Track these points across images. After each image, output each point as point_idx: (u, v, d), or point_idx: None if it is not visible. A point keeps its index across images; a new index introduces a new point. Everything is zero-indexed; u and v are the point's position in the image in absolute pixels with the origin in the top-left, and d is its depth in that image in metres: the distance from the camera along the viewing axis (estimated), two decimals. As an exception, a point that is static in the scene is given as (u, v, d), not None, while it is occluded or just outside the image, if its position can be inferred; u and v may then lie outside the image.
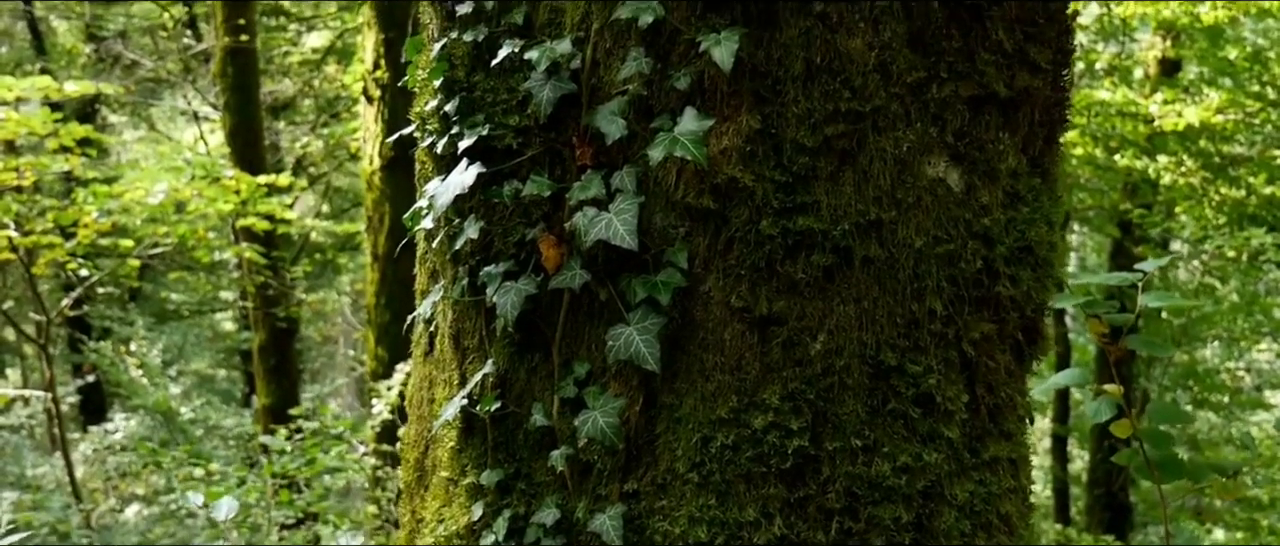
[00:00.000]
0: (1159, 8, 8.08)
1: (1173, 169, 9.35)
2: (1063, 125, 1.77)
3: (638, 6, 1.52)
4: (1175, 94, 9.09)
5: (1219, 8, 7.87)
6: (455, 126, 1.66)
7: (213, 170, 8.35)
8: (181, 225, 8.35)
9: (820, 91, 1.54)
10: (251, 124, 9.61)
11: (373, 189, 7.77)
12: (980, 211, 1.63)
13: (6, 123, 7.60)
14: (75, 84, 7.95)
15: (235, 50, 9.31)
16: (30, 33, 11.76)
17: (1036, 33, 1.65)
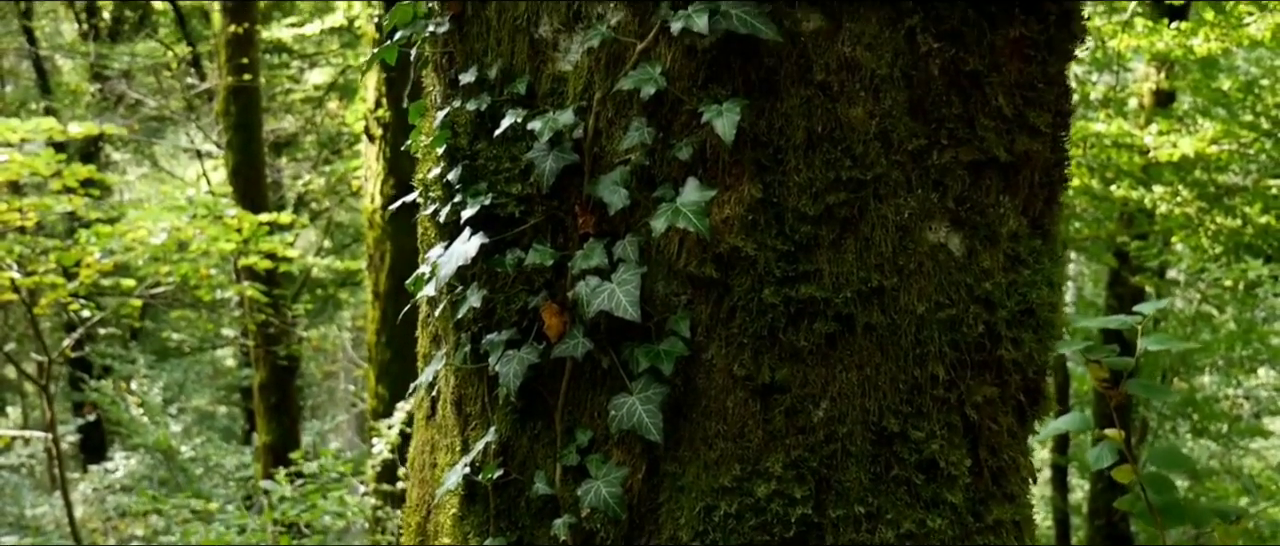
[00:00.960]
0: (1152, 40, 8.12)
1: (1169, 199, 9.38)
2: (1063, 185, 1.79)
3: (640, 77, 1.53)
4: (1170, 125, 9.12)
5: (1212, 39, 7.91)
6: (458, 195, 1.67)
7: (215, 209, 8.37)
8: (183, 264, 8.36)
9: (821, 160, 1.55)
10: (254, 162, 9.65)
11: (374, 227, 7.79)
12: (982, 275, 1.64)
13: (10, 164, 7.63)
14: (79, 125, 7.98)
15: (238, 89, 9.36)
16: (35, 72, 11.82)
17: (1036, 97, 1.66)
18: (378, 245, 7.77)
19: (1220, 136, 8.53)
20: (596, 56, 1.59)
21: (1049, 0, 1.62)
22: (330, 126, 12.14)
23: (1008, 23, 1.60)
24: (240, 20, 9.12)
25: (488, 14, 1.68)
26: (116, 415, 9.75)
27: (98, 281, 8.15)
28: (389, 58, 1.83)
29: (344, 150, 11.88)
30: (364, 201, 8.02)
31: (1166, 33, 7.99)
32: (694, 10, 1.48)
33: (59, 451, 7.88)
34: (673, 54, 1.55)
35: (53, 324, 10.66)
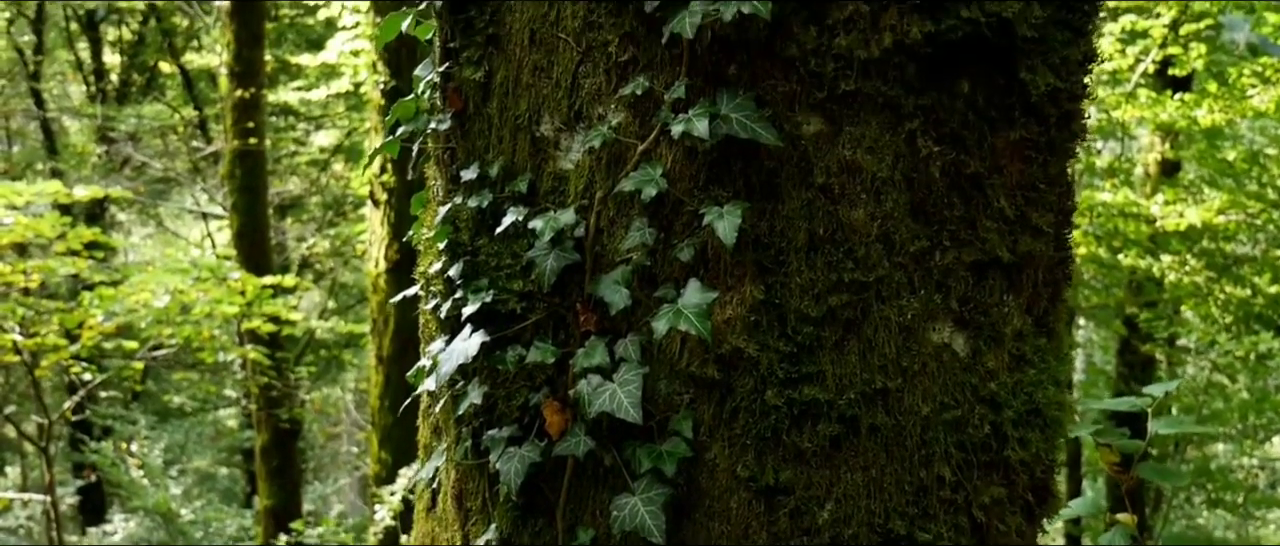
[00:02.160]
0: (1156, 111, 8.16)
1: (1177, 268, 9.36)
2: (1067, 283, 1.78)
3: (641, 179, 1.53)
4: (1176, 194, 9.14)
5: (1216, 111, 7.96)
6: (459, 290, 1.67)
7: (219, 271, 8.38)
8: (186, 326, 8.36)
9: (823, 262, 1.55)
10: (258, 224, 9.69)
11: (378, 291, 7.79)
12: (987, 376, 1.62)
13: (16, 226, 7.66)
14: (84, 188, 8.03)
15: (244, 152, 9.43)
16: (42, 133, 11.93)
17: (1038, 198, 1.66)
18: (381, 309, 7.76)
19: (1227, 206, 8.54)
20: (597, 156, 1.59)
21: (1049, 103, 1.62)
22: (335, 188, 12.21)
23: (1008, 125, 1.60)
24: (247, 85, 9.21)
25: (489, 111, 1.68)
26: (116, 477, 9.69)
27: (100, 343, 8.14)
28: (391, 151, 1.84)
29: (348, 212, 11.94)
30: (368, 265, 8.04)
31: (1170, 104, 8.04)
32: (694, 114, 1.49)
33: (57, 514, 7.82)
34: (674, 155, 1.55)
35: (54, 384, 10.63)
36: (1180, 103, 8.06)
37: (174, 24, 11.90)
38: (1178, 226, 8.63)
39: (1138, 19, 7.89)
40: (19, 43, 12.03)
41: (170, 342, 8.64)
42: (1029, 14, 1.56)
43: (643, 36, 1.55)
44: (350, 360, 12.88)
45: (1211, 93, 8.02)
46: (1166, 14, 7.64)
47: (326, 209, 12.25)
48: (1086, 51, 1.69)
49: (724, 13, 1.45)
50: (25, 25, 12.23)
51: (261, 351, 8.61)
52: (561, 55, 1.61)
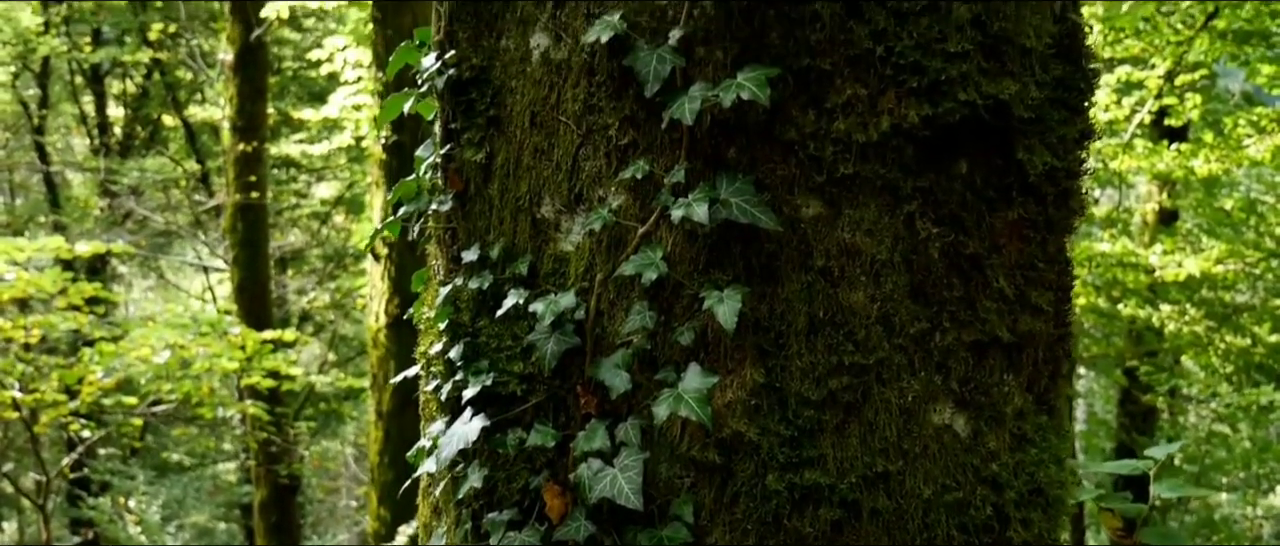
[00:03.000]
0: (1153, 161, 8.20)
1: (1176, 318, 9.36)
2: (1067, 359, 1.77)
3: (641, 262, 1.54)
4: (1174, 243, 9.16)
5: (1212, 161, 8.00)
6: (459, 372, 1.66)
7: (219, 326, 8.38)
8: (186, 382, 8.34)
9: (823, 345, 1.55)
10: (259, 278, 9.71)
11: (378, 346, 7.78)
12: (988, 457, 1.62)
13: (17, 282, 7.68)
14: (86, 244, 8.06)
15: (245, 206, 9.47)
16: (46, 186, 11.99)
17: (1037, 276, 1.66)
18: (381, 364, 7.75)
19: (1225, 256, 8.56)
20: (598, 238, 1.59)
21: (1047, 182, 1.63)
22: (336, 240, 12.23)
23: (1006, 205, 1.61)
24: (249, 139, 9.27)
25: (490, 193, 1.69)
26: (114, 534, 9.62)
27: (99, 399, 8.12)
28: (392, 232, 1.84)
29: (349, 264, 11.95)
30: (368, 320, 8.03)
31: (1167, 154, 8.08)
32: (694, 198, 1.49)
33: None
34: (674, 238, 1.56)
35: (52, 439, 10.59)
36: (1177, 153, 8.10)
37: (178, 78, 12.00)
38: (1177, 276, 8.64)
39: (1133, 70, 7.95)
40: (24, 96, 12.13)
41: (170, 398, 8.62)
42: (1026, 95, 1.58)
43: (643, 120, 1.56)
44: (350, 413, 12.83)
45: (1208, 143, 8.06)
46: (1162, 65, 7.70)
47: (327, 261, 12.27)
48: (1083, 129, 1.70)
49: (723, 99, 1.47)
50: (30, 79, 12.33)
51: (261, 407, 8.58)
52: (562, 138, 1.62)
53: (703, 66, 1.53)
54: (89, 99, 12.41)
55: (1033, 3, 1.59)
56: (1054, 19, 1.64)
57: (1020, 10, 1.57)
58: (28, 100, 12.18)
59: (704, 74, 1.52)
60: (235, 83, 9.31)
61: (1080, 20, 1.68)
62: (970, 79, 1.53)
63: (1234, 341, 9.40)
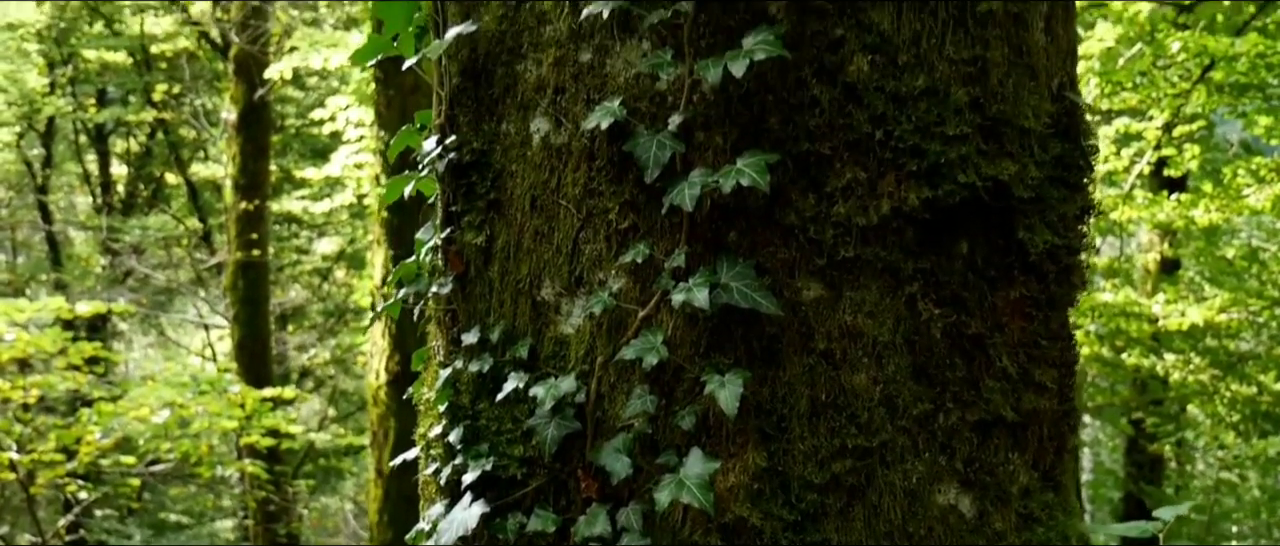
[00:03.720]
0: (1153, 211, 8.22)
1: (1181, 367, 9.33)
2: (1072, 434, 1.76)
3: (642, 347, 1.53)
4: (1176, 292, 9.16)
5: (1212, 210, 8.01)
6: (459, 456, 1.65)
7: (219, 384, 8.35)
8: (185, 441, 8.30)
9: (826, 428, 1.53)
10: (260, 335, 9.70)
11: (378, 404, 7.74)
12: (995, 537, 1.60)
13: (17, 343, 7.67)
14: (86, 304, 8.06)
15: (247, 263, 9.48)
16: (48, 245, 12.02)
17: (1040, 354, 1.65)
18: (381, 422, 7.71)
19: (1228, 305, 8.54)
20: (598, 322, 1.59)
21: (1048, 260, 1.62)
22: (338, 295, 12.24)
23: (1008, 284, 1.60)
24: (251, 197, 9.31)
25: (491, 275, 1.69)
26: (111, 594, 9.51)
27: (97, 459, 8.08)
28: (393, 313, 1.84)
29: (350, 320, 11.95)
30: (368, 378, 8.00)
31: (1167, 204, 8.10)
32: (695, 283, 1.49)
33: (48, 638, 7.65)
34: (674, 322, 1.55)
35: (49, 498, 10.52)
36: (1177, 202, 8.12)
37: (181, 136, 12.08)
38: (1180, 325, 8.62)
39: (1131, 122, 8.00)
40: (28, 156, 12.20)
41: (168, 457, 8.57)
42: (1025, 175, 1.58)
43: (643, 204, 1.56)
44: (350, 469, 12.75)
45: (1207, 192, 8.08)
46: (1160, 116, 7.74)
47: (328, 316, 12.27)
48: (1083, 205, 1.70)
49: (723, 185, 1.47)
50: (35, 139, 12.41)
51: (259, 465, 8.53)
52: (562, 221, 1.62)
53: (702, 151, 1.53)
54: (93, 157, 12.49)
55: (1030, 84, 1.60)
56: (1051, 98, 1.65)
57: (1018, 92, 1.58)
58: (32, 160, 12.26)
59: (704, 159, 1.52)
60: (238, 141, 9.37)
61: (1078, 99, 1.69)
62: (970, 161, 1.53)
63: (1240, 390, 9.36)
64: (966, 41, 1.55)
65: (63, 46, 11.46)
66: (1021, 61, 1.60)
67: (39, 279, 12.28)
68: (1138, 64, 6.78)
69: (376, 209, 6.86)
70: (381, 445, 7.70)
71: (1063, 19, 1.72)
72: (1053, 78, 1.67)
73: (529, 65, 1.64)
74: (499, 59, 1.67)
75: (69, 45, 11.50)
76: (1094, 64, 6.96)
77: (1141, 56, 6.82)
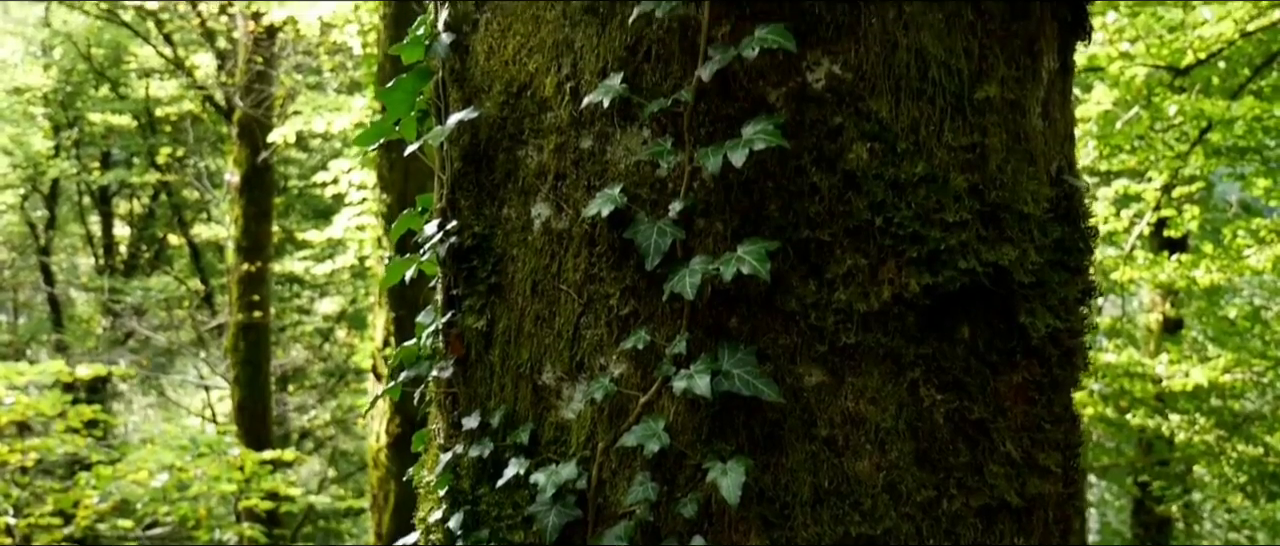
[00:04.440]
0: (1155, 271, 8.23)
1: (1186, 427, 9.28)
2: (1077, 516, 1.75)
3: (643, 433, 1.52)
4: (1180, 352, 9.14)
5: (1213, 271, 8.01)
6: (460, 543, 1.64)
7: (218, 446, 8.31)
8: (183, 505, 8.24)
9: (829, 515, 1.52)
10: (260, 397, 9.66)
11: (379, 467, 7.70)
12: (1001, 626, 1.57)
13: (16, 406, 7.64)
14: (87, 367, 8.05)
15: (248, 325, 9.48)
16: (49, 306, 12.03)
17: (1043, 437, 1.64)
18: (382, 485, 7.66)
19: (1232, 366, 8.52)
20: (599, 408, 1.58)
21: (1050, 343, 1.62)
22: (339, 355, 12.21)
23: (1011, 368, 1.60)
24: (253, 259, 9.33)
25: (491, 359, 1.69)
26: (105, 661, 9.37)
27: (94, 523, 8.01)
28: (394, 395, 1.83)
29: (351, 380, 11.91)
30: (369, 440, 7.96)
31: (1168, 265, 8.11)
32: (696, 370, 1.48)
33: None
34: (676, 408, 1.55)
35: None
36: (1178, 263, 8.13)
37: (184, 198, 12.14)
38: (1184, 386, 8.60)
39: (1130, 183, 8.03)
40: (32, 218, 12.25)
41: (166, 520, 8.50)
42: (1026, 260, 1.58)
43: (644, 290, 1.56)
44: (349, 530, 12.63)
45: (1208, 253, 8.09)
46: (1159, 178, 7.78)
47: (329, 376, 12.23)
48: (1084, 287, 1.70)
49: (724, 273, 1.47)
50: (39, 200, 12.48)
51: (258, 529, 8.46)
52: (563, 306, 1.62)
53: (703, 238, 1.54)
54: (96, 219, 12.54)
55: (1029, 169, 1.61)
56: (1050, 182, 1.65)
57: (1017, 177, 1.59)
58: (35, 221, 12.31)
59: (704, 246, 1.53)
60: (241, 204, 9.42)
61: (1077, 181, 1.70)
62: (970, 247, 1.53)
63: (1246, 451, 9.30)
64: (965, 128, 1.56)
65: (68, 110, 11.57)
66: (1020, 147, 1.61)
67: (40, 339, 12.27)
68: (1135, 127, 6.82)
69: (379, 291, 6.90)
70: (382, 508, 7.64)
71: (1059, 103, 1.73)
72: (1051, 162, 1.68)
73: (530, 151, 1.65)
74: (500, 145, 1.68)
75: (75, 108, 11.61)
76: (1092, 127, 7.01)
77: (1139, 120, 6.87)
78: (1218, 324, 9.16)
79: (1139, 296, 10.63)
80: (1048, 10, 1.68)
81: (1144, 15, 6.82)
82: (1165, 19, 6.87)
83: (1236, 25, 6.76)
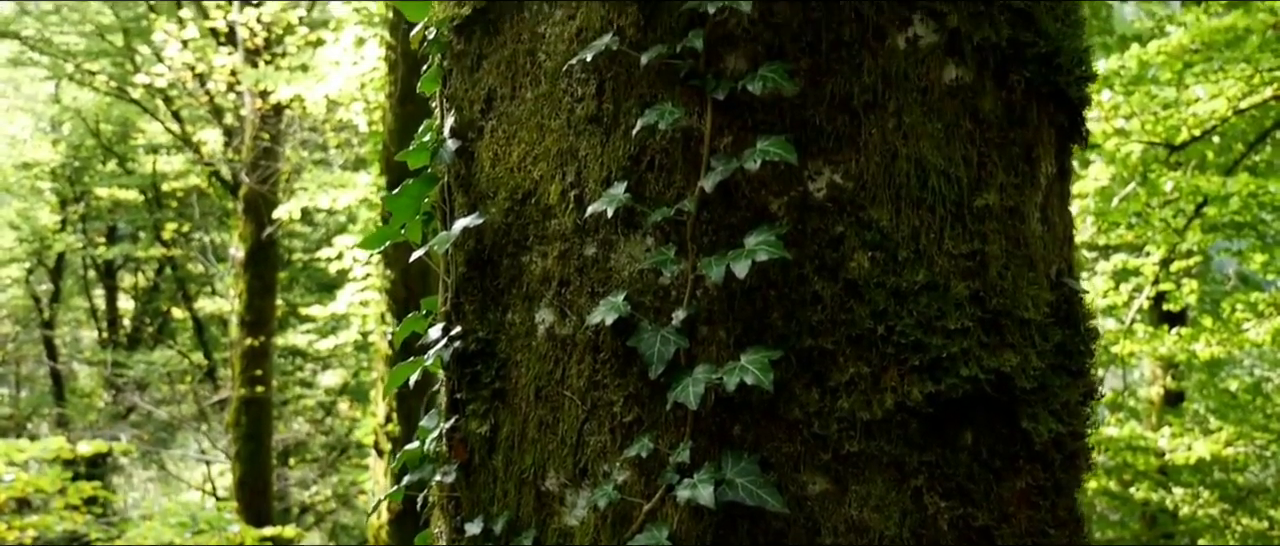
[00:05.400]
0: (1155, 345, 8.22)
1: (1190, 501, 9.21)
2: (1085, 619, 1.73)
3: (647, 541, 1.52)
4: (1182, 425, 9.10)
5: (1213, 345, 8.01)
6: (462, 651, 1.62)
7: (218, 523, 8.24)
8: (182, 585, 8.14)
9: (835, 625, 1.51)
10: (261, 472, 9.61)
11: (379, 543, 7.63)
12: None
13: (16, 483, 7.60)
14: (87, 444, 8.02)
15: (250, 400, 9.46)
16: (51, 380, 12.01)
17: (1047, 543, 1.63)
18: (382, 563, 7.58)
19: (1234, 439, 8.48)
20: (603, 515, 1.58)
21: (1054, 448, 1.63)
22: (341, 429, 12.16)
23: (1014, 474, 1.60)
24: (257, 334, 9.34)
25: (494, 464, 1.69)
26: None
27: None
28: (396, 499, 1.83)
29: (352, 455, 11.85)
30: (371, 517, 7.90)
31: (1168, 338, 8.11)
32: (699, 479, 1.49)
33: None
34: (680, 516, 1.54)
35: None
36: (1178, 337, 8.12)
37: (189, 272, 12.18)
38: (1187, 459, 8.54)
39: (1128, 258, 8.06)
40: (36, 291, 12.29)
41: (164, 599, 8.39)
42: (1027, 366, 1.59)
43: (647, 398, 1.57)
44: (349, 608, 12.46)
45: (1207, 327, 8.10)
46: (1156, 252, 7.81)
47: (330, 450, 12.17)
48: (1086, 390, 1.71)
49: (727, 382, 1.48)
50: (44, 274, 12.52)
51: (258, 609, 8.34)
52: (567, 412, 1.63)
53: (706, 345, 1.55)
54: (100, 292, 12.58)
55: (1029, 274, 1.63)
56: (1050, 286, 1.67)
57: (1017, 283, 1.61)
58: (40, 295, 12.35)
59: (707, 354, 1.54)
60: (245, 278, 9.45)
61: (1076, 285, 1.72)
62: (971, 354, 1.55)
63: (1251, 524, 9.22)
64: (965, 236, 1.59)
65: (76, 184, 11.67)
66: (1019, 252, 1.63)
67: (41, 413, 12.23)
68: (1132, 204, 6.87)
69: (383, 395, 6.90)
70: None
71: (1058, 206, 1.76)
72: (1051, 265, 1.70)
73: (534, 257, 1.67)
74: (505, 250, 1.70)
75: (82, 183, 11.71)
76: (1089, 203, 7.06)
77: (1136, 196, 6.92)
78: (1219, 397, 9.13)
79: (1140, 368, 10.61)
80: (1045, 117, 1.71)
81: (1138, 94, 6.91)
82: (1159, 97, 6.96)
83: (1229, 103, 6.84)
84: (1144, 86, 7.05)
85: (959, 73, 1.62)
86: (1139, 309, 8.28)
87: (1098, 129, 6.98)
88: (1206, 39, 6.60)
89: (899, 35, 1.59)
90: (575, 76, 1.65)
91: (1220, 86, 6.75)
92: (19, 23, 11.82)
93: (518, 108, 1.71)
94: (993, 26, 1.63)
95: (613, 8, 1.63)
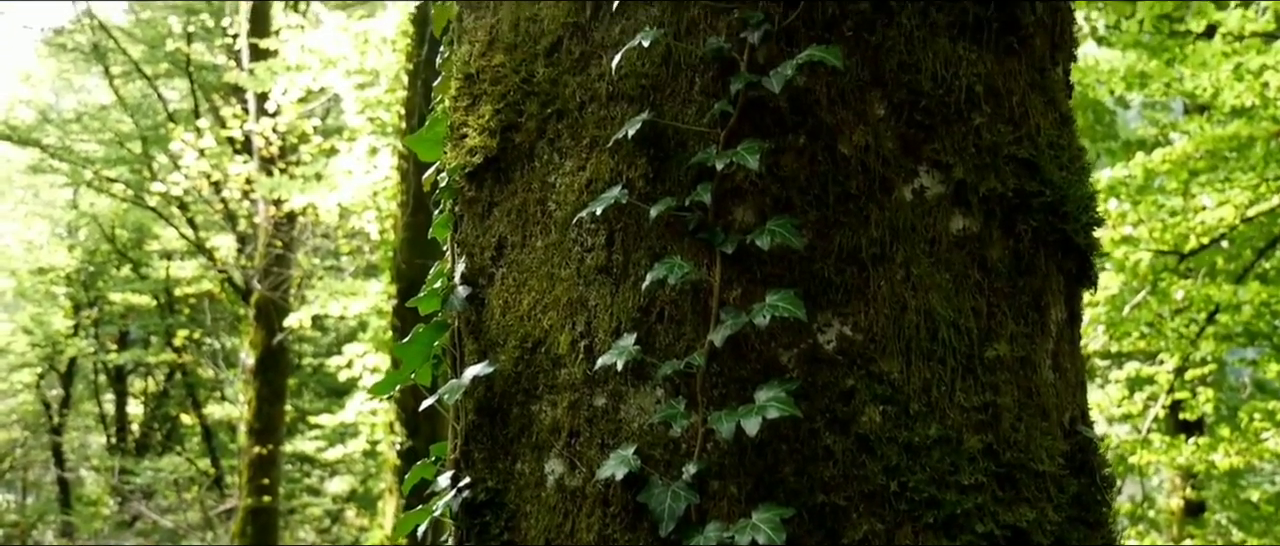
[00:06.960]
0: (1172, 455, 8.11)
1: (1218, 615, 8.97)
2: None
3: None
4: (1204, 536, 8.91)
5: (1232, 455, 7.89)
6: None
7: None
8: None
9: None
10: (266, 584, 9.45)
11: (384, 660, 7.47)
12: None
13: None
14: (92, 556, 7.90)
15: (257, 509, 9.36)
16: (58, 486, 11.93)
17: None
18: None
19: (1260, 555, 8.29)
20: None
21: None
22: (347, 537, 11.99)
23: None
24: (265, 441, 9.29)
25: (504, 618, 1.66)
26: None
27: None
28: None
29: (359, 564, 11.66)
30: (376, 633, 7.74)
31: (1186, 448, 8.00)
32: (713, 642, 1.45)
33: None
34: None
35: None
36: (1196, 446, 8.01)
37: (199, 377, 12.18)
38: (1214, 578, 8.35)
39: (1142, 366, 8.01)
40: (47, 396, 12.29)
41: None
42: (1044, 520, 1.57)
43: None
44: None
45: (1225, 436, 7.99)
46: (1170, 361, 7.76)
47: (337, 559, 11.98)
48: (1105, 541, 1.68)
49: (739, 541, 1.46)
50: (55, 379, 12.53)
51: None
52: (576, 566, 1.60)
53: (717, 501, 1.53)
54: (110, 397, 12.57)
55: (1042, 424, 1.61)
56: (1064, 435, 1.65)
57: (1031, 434, 1.59)
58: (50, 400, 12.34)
59: (719, 510, 1.52)
60: (255, 385, 9.44)
61: (1091, 433, 1.70)
62: (986, 510, 1.52)
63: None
64: (976, 388, 1.58)
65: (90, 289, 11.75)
66: (1032, 403, 1.62)
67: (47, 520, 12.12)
68: (1144, 313, 6.85)
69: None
70: None
71: (1069, 352, 1.75)
72: (1064, 413, 1.68)
73: (544, 407, 1.67)
74: (515, 399, 1.70)
75: (96, 288, 11.80)
76: (1100, 312, 7.04)
77: (1147, 305, 6.90)
78: (1241, 507, 8.97)
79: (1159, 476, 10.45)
80: (1053, 264, 1.71)
81: (1145, 202, 6.95)
82: (1166, 205, 6.99)
83: (1237, 210, 6.87)
84: (1150, 195, 7.09)
85: (966, 223, 1.62)
86: (1155, 418, 8.18)
87: (1106, 236, 7.00)
88: (1211, 147, 6.66)
89: (905, 187, 1.61)
90: (585, 227, 1.66)
91: (1227, 194, 6.78)
92: (41, 131, 12.06)
93: (528, 256, 1.73)
94: (998, 177, 1.65)
95: (622, 160, 1.65)
